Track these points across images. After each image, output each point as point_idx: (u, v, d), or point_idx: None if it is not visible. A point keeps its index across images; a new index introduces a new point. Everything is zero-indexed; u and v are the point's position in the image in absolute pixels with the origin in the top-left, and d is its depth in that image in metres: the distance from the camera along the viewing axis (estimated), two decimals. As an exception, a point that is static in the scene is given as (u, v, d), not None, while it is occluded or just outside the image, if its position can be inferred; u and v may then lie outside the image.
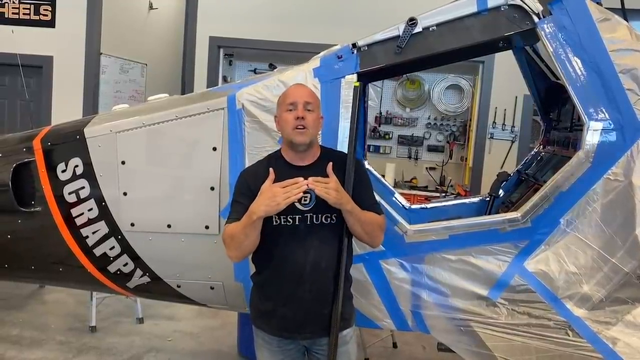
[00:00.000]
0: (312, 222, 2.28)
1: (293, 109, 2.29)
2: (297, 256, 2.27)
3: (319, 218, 2.28)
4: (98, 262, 3.04)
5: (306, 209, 2.26)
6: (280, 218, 2.26)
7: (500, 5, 2.69)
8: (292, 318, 2.33)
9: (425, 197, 6.71)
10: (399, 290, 2.78)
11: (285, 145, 2.37)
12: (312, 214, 2.27)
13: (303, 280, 2.28)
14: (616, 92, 2.52)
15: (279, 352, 2.39)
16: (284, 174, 2.25)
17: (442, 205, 3.66)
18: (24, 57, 5.99)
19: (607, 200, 2.51)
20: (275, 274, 2.31)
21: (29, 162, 3.07)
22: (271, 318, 2.36)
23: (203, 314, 4.99)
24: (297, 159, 2.33)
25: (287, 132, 2.30)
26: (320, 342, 2.37)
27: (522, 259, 2.61)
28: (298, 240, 2.27)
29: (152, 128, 2.92)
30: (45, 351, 4.21)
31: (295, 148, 2.31)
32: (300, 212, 2.26)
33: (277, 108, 2.39)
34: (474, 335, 2.71)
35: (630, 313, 2.53)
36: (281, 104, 2.36)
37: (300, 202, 2.24)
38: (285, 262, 2.29)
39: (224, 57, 7.60)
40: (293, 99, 2.30)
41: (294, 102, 2.29)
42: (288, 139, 2.31)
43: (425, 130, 7.89)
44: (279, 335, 2.37)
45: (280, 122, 2.34)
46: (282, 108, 2.34)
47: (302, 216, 2.26)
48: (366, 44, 2.79)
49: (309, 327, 2.35)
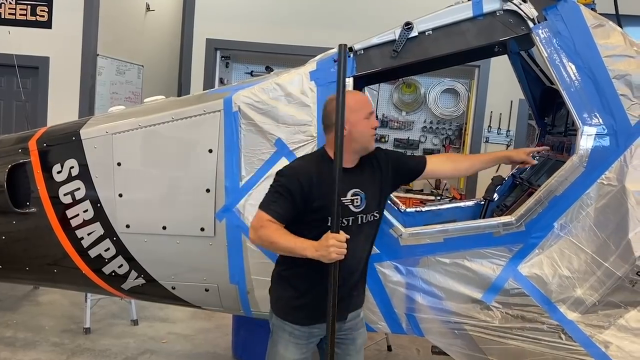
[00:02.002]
0: (361, 221, 2.42)
1: (370, 118, 2.41)
2: (349, 252, 2.28)
3: (367, 218, 2.43)
4: (93, 264, 3.04)
5: (358, 211, 2.39)
6: None
7: (496, 11, 2.71)
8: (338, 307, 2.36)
9: (421, 201, 6.72)
10: (394, 293, 2.79)
11: (351, 149, 2.37)
12: (362, 215, 2.41)
13: (352, 273, 2.44)
14: (610, 98, 2.55)
15: (304, 345, 2.48)
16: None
17: (437, 208, 3.68)
18: (20, 58, 5.99)
19: (601, 205, 2.53)
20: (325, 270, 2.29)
21: (25, 163, 3.07)
22: (311, 310, 2.40)
23: (198, 316, 4.97)
24: (348, 161, 2.38)
25: (366, 138, 2.40)
26: (344, 327, 2.51)
27: (516, 263, 2.63)
28: (350, 238, 2.29)
29: (148, 130, 2.92)
30: (39, 352, 4.19)
31: (364, 152, 2.43)
32: (353, 213, 2.38)
33: (353, 113, 2.34)
34: (467, 338, 2.72)
35: (622, 317, 2.55)
36: (358, 110, 2.38)
37: (353, 203, 2.37)
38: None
39: (220, 59, 7.61)
40: (369, 109, 2.43)
41: (372, 112, 2.44)
42: (365, 145, 2.41)
43: (421, 133, 7.91)
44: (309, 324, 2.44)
45: (358, 127, 2.36)
46: (360, 115, 2.38)
47: (354, 217, 2.39)
48: (362, 48, 2.80)
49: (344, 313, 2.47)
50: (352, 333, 2.56)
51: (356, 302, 2.56)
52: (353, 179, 2.38)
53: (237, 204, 2.82)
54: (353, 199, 2.37)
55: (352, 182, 2.37)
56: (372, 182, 2.46)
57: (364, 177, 2.44)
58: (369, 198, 2.41)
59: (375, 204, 2.45)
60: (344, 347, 2.53)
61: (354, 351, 2.57)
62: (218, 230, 2.85)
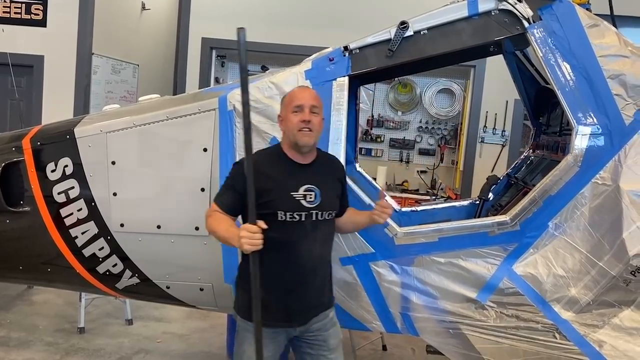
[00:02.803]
0: (317, 218, 2.38)
1: (299, 111, 2.36)
2: (303, 251, 2.36)
3: (322, 215, 2.40)
4: (87, 263, 3.03)
5: (312, 206, 2.36)
6: (287, 214, 2.33)
7: (491, 10, 2.72)
8: (294, 308, 2.41)
9: (416, 200, 6.73)
10: (389, 292, 2.79)
11: (287, 144, 2.42)
12: (317, 211, 2.37)
13: (310, 272, 2.41)
14: (604, 97, 2.56)
15: (270, 344, 2.41)
16: (289, 170, 2.37)
17: (432, 208, 3.68)
18: (15, 57, 5.97)
19: (595, 204, 2.54)
20: (281, 267, 2.35)
21: (18, 161, 3.05)
22: (271, 309, 2.33)
23: (193, 316, 4.96)
24: (299, 157, 2.41)
25: (292, 133, 2.36)
26: (312, 329, 2.48)
27: (511, 262, 2.63)
28: (305, 235, 2.36)
29: (143, 128, 2.91)
30: (32, 352, 4.17)
31: (299, 149, 2.38)
32: (306, 209, 2.35)
33: (282, 108, 2.44)
34: (462, 337, 2.72)
35: (616, 316, 2.55)
36: (287, 105, 2.41)
37: (306, 199, 2.35)
38: (291, 256, 2.36)
39: (216, 58, 7.60)
40: (300, 102, 2.37)
41: (300, 105, 2.36)
42: (293, 140, 2.37)
43: (416, 133, 7.92)
44: (276, 326, 2.41)
45: (285, 122, 2.40)
46: (288, 109, 2.39)
47: (308, 213, 2.36)
48: (358, 47, 2.80)
49: (306, 315, 2.46)
50: (322, 334, 2.51)
51: (320, 305, 2.50)
52: (307, 175, 2.39)
53: (232, 203, 2.82)
54: (306, 194, 2.35)
55: (306, 178, 2.38)
56: (329, 181, 2.46)
57: (321, 175, 2.43)
58: (325, 195, 2.39)
59: (330, 204, 2.43)
60: (316, 347, 2.51)
61: (326, 351, 2.51)
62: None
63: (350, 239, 2.73)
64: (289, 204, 2.33)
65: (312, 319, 2.47)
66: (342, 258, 2.76)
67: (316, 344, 2.51)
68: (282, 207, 2.32)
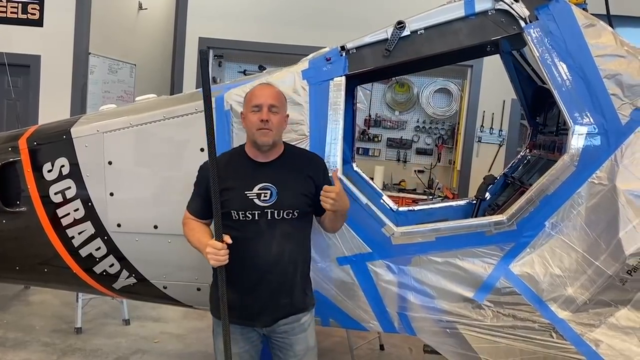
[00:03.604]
0: (272, 217, 2.36)
1: (258, 111, 2.36)
2: (259, 249, 2.36)
3: (280, 213, 2.37)
4: (84, 263, 3.02)
5: (266, 205, 2.35)
6: (239, 214, 2.34)
7: (488, 10, 2.72)
8: (254, 307, 2.41)
9: (413, 200, 6.74)
10: (386, 292, 2.78)
11: (249, 143, 2.45)
12: (272, 210, 2.36)
13: (266, 272, 2.38)
14: (601, 97, 2.56)
15: (241, 340, 2.45)
16: (247, 170, 2.38)
17: (429, 207, 3.68)
18: (11, 56, 5.96)
19: (592, 204, 2.54)
20: (239, 266, 2.35)
21: (15, 161, 3.04)
22: (233, 307, 2.34)
23: (190, 316, 4.96)
24: (260, 155, 2.43)
25: (251, 132, 2.38)
26: (278, 330, 2.47)
27: (508, 262, 2.64)
28: (260, 234, 2.36)
29: (140, 128, 2.91)
30: (29, 352, 4.17)
31: (259, 148, 2.40)
32: (259, 207, 2.35)
33: (244, 107, 2.46)
34: (459, 337, 2.73)
35: (613, 315, 2.56)
36: (247, 103, 2.43)
37: (260, 197, 2.34)
38: (248, 254, 2.36)
39: (213, 58, 7.59)
40: (258, 101, 2.37)
41: (258, 105, 2.37)
42: (252, 139, 2.39)
43: (414, 133, 7.93)
44: (240, 324, 2.43)
45: (245, 121, 2.42)
46: (247, 108, 2.41)
47: (262, 212, 2.35)
48: (355, 47, 2.80)
49: (269, 316, 2.44)
50: (289, 338, 2.48)
51: (284, 307, 2.44)
52: (265, 173, 2.39)
53: (229, 203, 2.81)
54: (260, 192, 2.35)
55: (263, 176, 2.38)
56: (293, 178, 2.41)
57: (282, 173, 2.40)
58: (283, 194, 2.36)
59: (293, 201, 2.38)
60: (284, 350, 2.50)
61: (292, 357, 2.49)
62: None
63: (347, 238, 2.73)
64: (242, 203, 2.34)
65: (279, 320, 2.44)
66: (339, 258, 2.76)
67: (283, 347, 2.50)
68: (234, 207, 2.34)
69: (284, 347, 2.50)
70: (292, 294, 2.45)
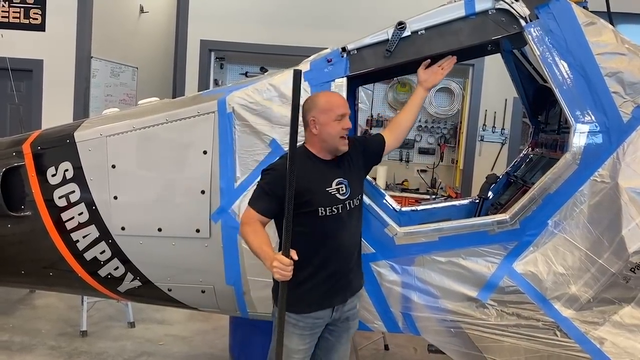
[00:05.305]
0: (350, 207, 2.53)
1: (341, 119, 2.47)
2: (344, 238, 2.52)
3: (353, 203, 2.55)
4: (88, 267, 3.04)
5: (345, 198, 2.51)
6: (326, 209, 2.46)
7: (488, 9, 2.72)
8: (339, 286, 2.55)
9: (416, 200, 6.73)
10: (390, 292, 2.79)
11: (319, 147, 2.51)
12: (349, 201, 2.52)
13: (349, 257, 2.55)
14: (602, 95, 2.56)
15: (308, 336, 2.55)
16: (320, 169, 2.51)
17: (432, 207, 3.69)
18: (14, 61, 5.96)
19: (594, 202, 2.54)
20: (326, 257, 2.48)
21: (19, 166, 3.06)
22: (312, 296, 2.49)
23: (195, 318, 4.97)
24: (328, 156, 2.54)
25: (334, 140, 2.48)
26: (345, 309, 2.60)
27: (511, 261, 2.64)
28: (343, 225, 2.51)
29: (143, 132, 2.92)
30: (35, 356, 4.18)
31: (336, 153, 2.52)
32: (341, 201, 2.50)
33: (321, 113, 2.46)
34: (463, 336, 2.73)
35: (617, 313, 2.56)
36: (328, 111, 2.46)
37: (339, 192, 2.49)
38: (333, 246, 2.49)
39: (215, 60, 7.60)
40: (342, 111, 2.49)
41: (343, 114, 2.48)
42: (334, 147, 2.50)
43: (416, 132, 7.92)
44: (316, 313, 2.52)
45: (326, 128, 2.47)
46: (329, 116, 2.46)
47: (343, 205, 2.50)
48: (356, 48, 2.81)
49: (349, 293, 2.60)
50: (348, 322, 2.65)
51: (355, 285, 2.64)
52: (335, 170, 2.53)
53: (232, 205, 2.83)
54: (338, 187, 2.50)
55: (335, 173, 2.52)
56: (350, 169, 2.59)
57: (344, 167, 2.56)
58: (353, 185, 2.54)
59: (357, 190, 2.58)
60: (336, 335, 2.65)
61: (345, 340, 2.68)
62: (213, 232, 2.86)
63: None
64: (328, 200, 2.46)
65: (348, 299, 2.60)
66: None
67: (339, 332, 2.64)
68: (322, 204, 2.45)
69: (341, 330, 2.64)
70: (358, 272, 2.66)
